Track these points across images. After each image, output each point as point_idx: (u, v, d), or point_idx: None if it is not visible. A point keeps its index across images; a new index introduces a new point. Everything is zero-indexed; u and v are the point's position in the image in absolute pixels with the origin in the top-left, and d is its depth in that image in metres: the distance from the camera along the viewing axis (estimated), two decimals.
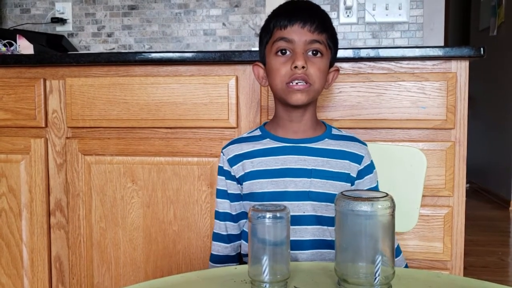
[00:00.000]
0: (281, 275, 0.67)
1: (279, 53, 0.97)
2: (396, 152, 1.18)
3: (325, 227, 0.98)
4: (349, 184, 1.00)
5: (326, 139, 1.02)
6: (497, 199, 3.93)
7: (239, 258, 1.09)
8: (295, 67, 0.94)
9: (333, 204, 0.96)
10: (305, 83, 0.96)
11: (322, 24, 0.97)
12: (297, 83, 0.95)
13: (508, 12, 3.86)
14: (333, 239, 0.98)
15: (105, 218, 1.40)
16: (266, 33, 1.01)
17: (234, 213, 1.05)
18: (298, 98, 0.96)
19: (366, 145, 1.06)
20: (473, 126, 1.33)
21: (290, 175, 0.98)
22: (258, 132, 1.06)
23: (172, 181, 1.36)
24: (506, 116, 3.89)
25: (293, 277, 0.71)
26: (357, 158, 1.02)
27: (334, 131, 1.05)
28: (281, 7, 1.02)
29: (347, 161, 1.01)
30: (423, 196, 1.18)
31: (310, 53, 0.97)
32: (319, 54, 0.97)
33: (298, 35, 0.95)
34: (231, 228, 1.06)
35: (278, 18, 0.98)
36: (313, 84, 0.96)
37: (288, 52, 0.97)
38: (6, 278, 1.45)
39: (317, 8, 1.01)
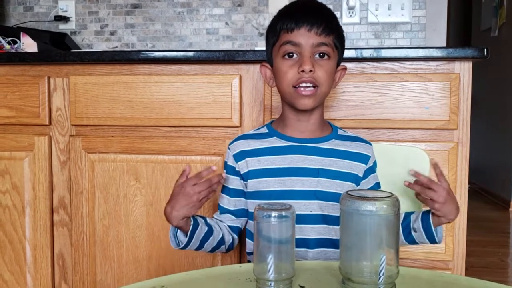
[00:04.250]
0: (286, 274, 0.67)
1: (286, 56, 0.97)
2: (399, 152, 1.18)
3: (331, 226, 0.99)
4: (355, 184, 1.01)
5: (333, 140, 1.03)
6: (498, 200, 3.93)
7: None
8: (302, 71, 0.94)
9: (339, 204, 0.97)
10: (312, 87, 0.96)
11: (329, 25, 0.97)
12: (304, 88, 0.95)
13: (509, 13, 3.86)
14: (339, 238, 0.98)
15: (108, 216, 1.40)
16: (273, 35, 1.01)
17: (232, 209, 1.06)
18: (306, 103, 0.97)
19: (371, 144, 1.07)
20: (473, 127, 1.33)
21: (297, 174, 0.99)
22: (265, 130, 1.06)
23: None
24: (506, 117, 3.89)
25: (297, 275, 0.71)
26: (364, 158, 1.03)
27: (340, 132, 1.06)
28: (287, 8, 1.01)
29: (354, 162, 1.02)
30: None
31: (317, 55, 0.97)
32: (326, 57, 0.97)
33: (305, 38, 0.95)
34: (228, 219, 1.06)
35: (284, 21, 0.97)
36: (320, 86, 0.97)
37: (295, 55, 0.97)
38: (9, 274, 1.46)
39: (323, 8, 1.01)
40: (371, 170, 1.05)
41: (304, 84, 0.95)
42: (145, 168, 1.38)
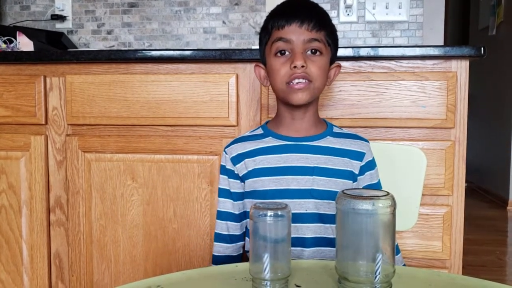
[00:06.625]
0: (282, 273, 0.67)
1: (278, 54, 0.97)
2: (396, 151, 1.18)
3: (327, 225, 0.99)
4: (351, 181, 1.01)
5: (328, 137, 1.03)
6: (495, 199, 3.94)
7: (242, 260, 1.09)
8: (295, 67, 0.94)
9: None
10: (305, 81, 0.96)
11: (320, 22, 0.97)
12: (297, 82, 0.95)
13: (507, 12, 3.86)
14: (335, 236, 0.98)
15: (105, 215, 1.40)
16: (265, 34, 1.01)
17: (237, 212, 1.05)
18: (300, 97, 0.96)
19: (368, 141, 1.06)
20: (470, 125, 1.33)
21: (292, 173, 0.98)
22: (260, 131, 1.06)
23: (172, 179, 1.36)
24: (503, 115, 3.90)
25: (293, 275, 0.71)
26: (358, 155, 1.02)
27: (336, 129, 1.06)
28: (278, 7, 1.02)
29: (349, 159, 1.01)
30: (423, 195, 1.18)
31: (309, 52, 0.97)
32: (318, 53, 0.97)
33: (296, 34, 0.95)
34: (233, 228, 1.06)
35: (275, 19, 0.98)
36: (313, 81, 0.96)
37: (287, 53, 0.97)
38: (5, 274, 1.45)
39: (314, 6, 1.01)
40: (368, 167, 1.04)
41: (296, 80, 0.95)
42: (142, 168, 1.38)
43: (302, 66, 0.94)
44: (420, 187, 1.14)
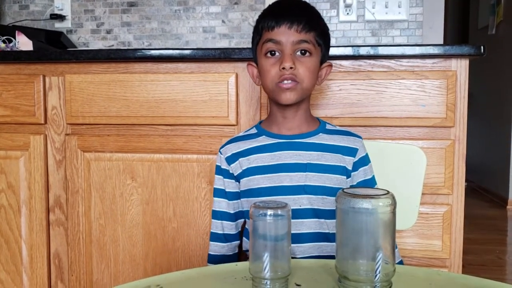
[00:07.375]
0: (282, 272, 0.67)
1: (269, 54, 0.99)
2: (396, 150, 1.18)
3: (322, 220, 0.99)
4: (345, 177, 1.01)
5: (321, 134, 1.04)
6: (495, 198, 3.94)
7: (238, 259, 1.10)
8: (283, 68, 0.95)
9: (329, 197, 0.98)
10: (293, 81, 0.97)
11: (310, 23, 0.98)
12: (286, 83, 0.97)
13: (507, 11, 3.86)
14: (330, 231, 0.99)
15: (104, 215, 1.40)
16: (256, 34, 1.03)
17: (232, 212, 1.06)
18: (288, 97, 0.97)
19: (361, 137, 1.07)
20: (470, 124, 1.33)
21: (286, 170, 0.99)
22: (254, 130, 1.08)
23: (172, 178, 1.36)
24: (503, 114, 3.90)
25: (293, 274, 0.71)
26: (351, 151, 1.03)
27: (329, 126, 1.07)
28: (269, 8, 1.03)
29: (342, 155, 1.02)
30: (423, 194, 1.18)
31: (298, 53, 0.98)
32: (307, 54, 0.98)
33: (286, 36, 0.96)
34: (228, 227, 1.07)
35: (265, 19, 0.99)
36: (301, 82, 0.98)
37: (277, 53, 0.98)
38: (5, 274, 1.45)
39: (304, 6, 1.01)
40: (361, 162, 1.04)
41: (285, 81, 0.97)
42: (141, 167, 1.37)
43: (291, 68, 0.95)
44: (420, 186, 1.14)
